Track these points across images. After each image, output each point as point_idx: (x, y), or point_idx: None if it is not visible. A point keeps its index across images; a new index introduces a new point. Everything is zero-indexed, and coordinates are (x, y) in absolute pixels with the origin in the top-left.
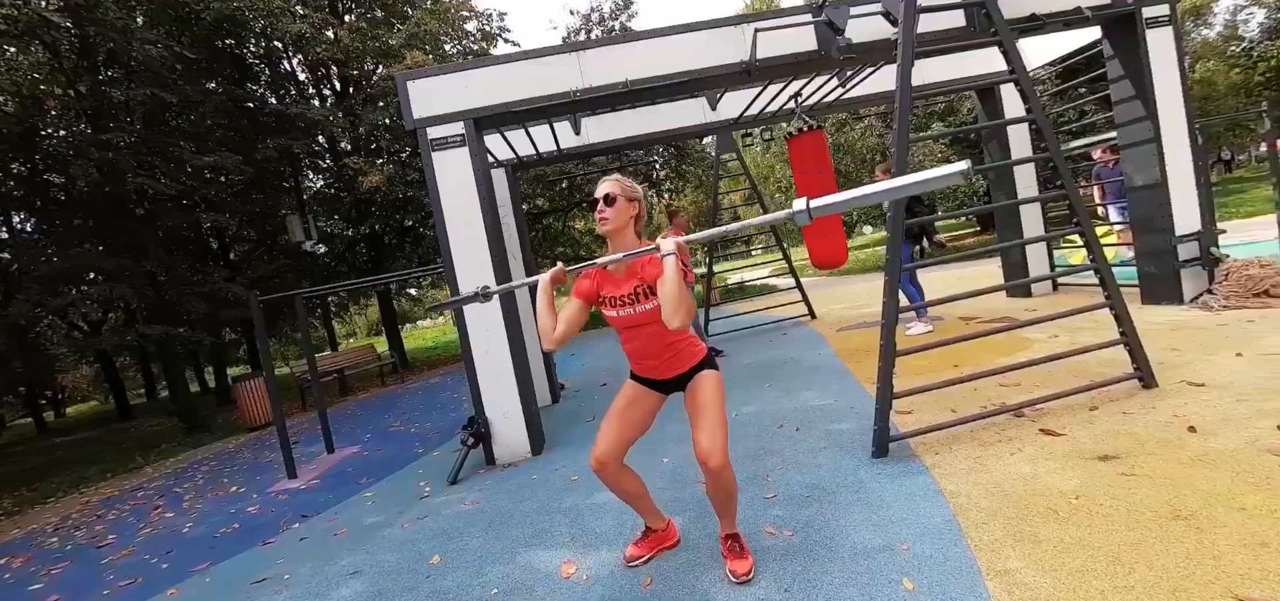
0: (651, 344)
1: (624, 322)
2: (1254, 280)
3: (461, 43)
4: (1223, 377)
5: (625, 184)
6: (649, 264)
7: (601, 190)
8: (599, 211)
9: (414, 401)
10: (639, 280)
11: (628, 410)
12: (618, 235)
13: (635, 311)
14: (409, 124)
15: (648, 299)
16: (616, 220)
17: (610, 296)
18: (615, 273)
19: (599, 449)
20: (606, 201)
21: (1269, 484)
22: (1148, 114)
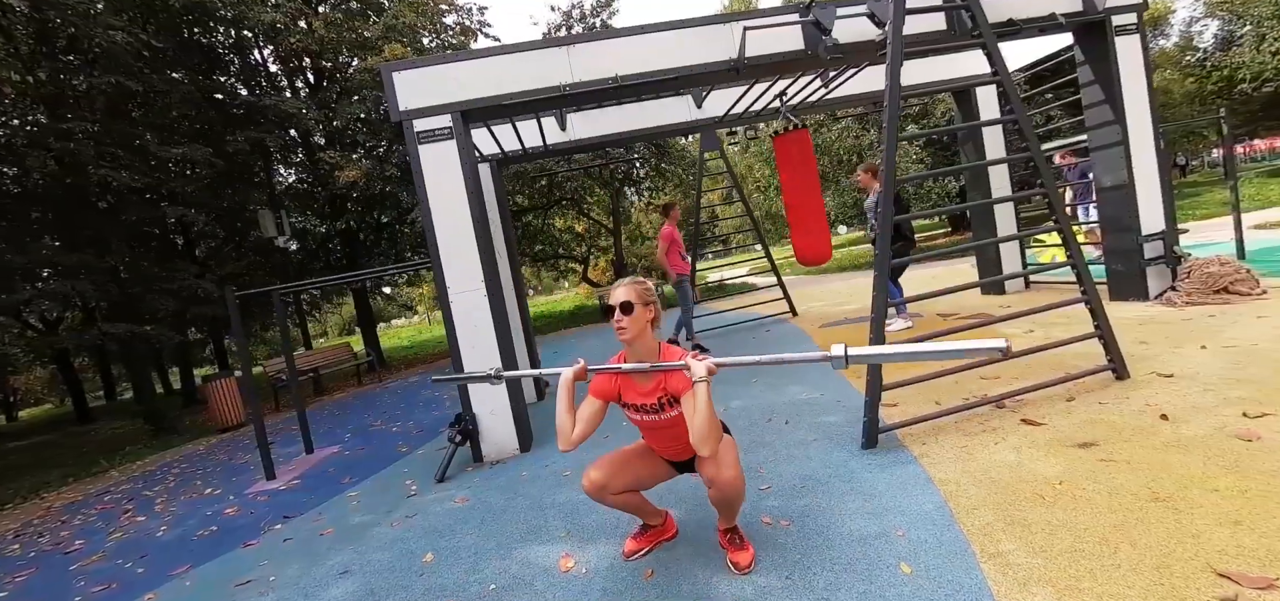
0: (673, 443)
1: (648, 426)
2: (1214, 277)
3: (440, 36)
4: (1189, 369)
5: (639, 288)
6: (674, 376)
7: (617, 298)
8: (616, 321)
9: (393, 400)
10: (663, 391)
11: (638, 462)
12: (637, 341)
13: (660, 418)
14: (394, 115)
15: (672, 408)
16: (634, 328)
17: (633, 403)
18: (638, 380)
19: (597, 478)
20: (623, 310)
21: (1238, 467)
22: (1116, 118)
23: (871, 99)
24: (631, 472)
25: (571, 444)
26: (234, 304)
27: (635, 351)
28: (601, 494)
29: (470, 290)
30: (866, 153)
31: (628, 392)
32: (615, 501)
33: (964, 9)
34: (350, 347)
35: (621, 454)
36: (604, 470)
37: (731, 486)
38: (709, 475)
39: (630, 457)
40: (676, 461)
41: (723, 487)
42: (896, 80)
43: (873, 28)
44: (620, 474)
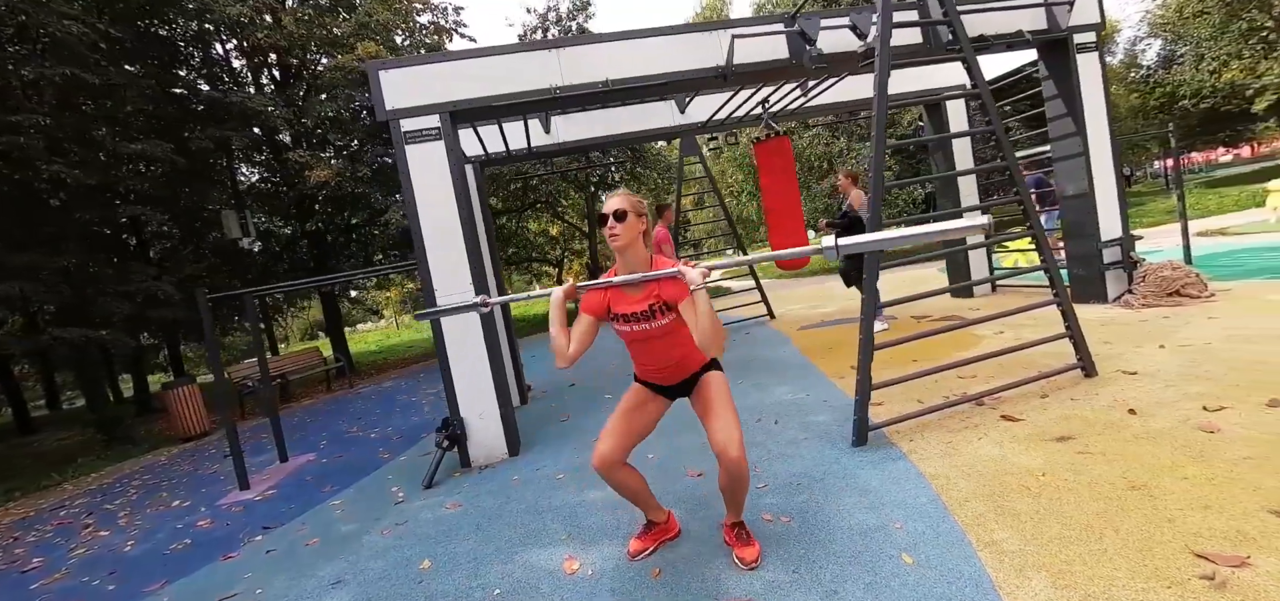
0: (664, 355)
1: (638, 336)
2: (1167, 281)
3: (413, 35)
4: (1151, 366)
5: (632, 199)
6: (666, 283)
7: (610, 206)
8: (609, 228)
9: (367, 406)
10: (655, 297)
11: (634, 414)
12: (628, 251)
13: (650, 326)
14: (381, 115)
15: (664, 314)
16: (627, 236)
17: (624, 313)
18: (628, 290)
19: (604, 448)
20: (616, 218)
21: (1203, 456)
22: (1077, 130)
23: (847, 108)
24: (634, 425)
25: (569, 359)
26: (206, 306)
27: (627, 260)
28: (611, 468)
29: (458, 294)
30: (836, 160)
31: (618, 304)
32: (623, 479)
33: (947, 24)
34: (319, 352)
35: (617, 416)
36: (610, 436)
37: (740, 460)
38: (721, 442)
39: (626, 413)
40: (668, 385)
41: (733, 462)
42: (884, 90)
43: (855, 39)
44: (624, 432)
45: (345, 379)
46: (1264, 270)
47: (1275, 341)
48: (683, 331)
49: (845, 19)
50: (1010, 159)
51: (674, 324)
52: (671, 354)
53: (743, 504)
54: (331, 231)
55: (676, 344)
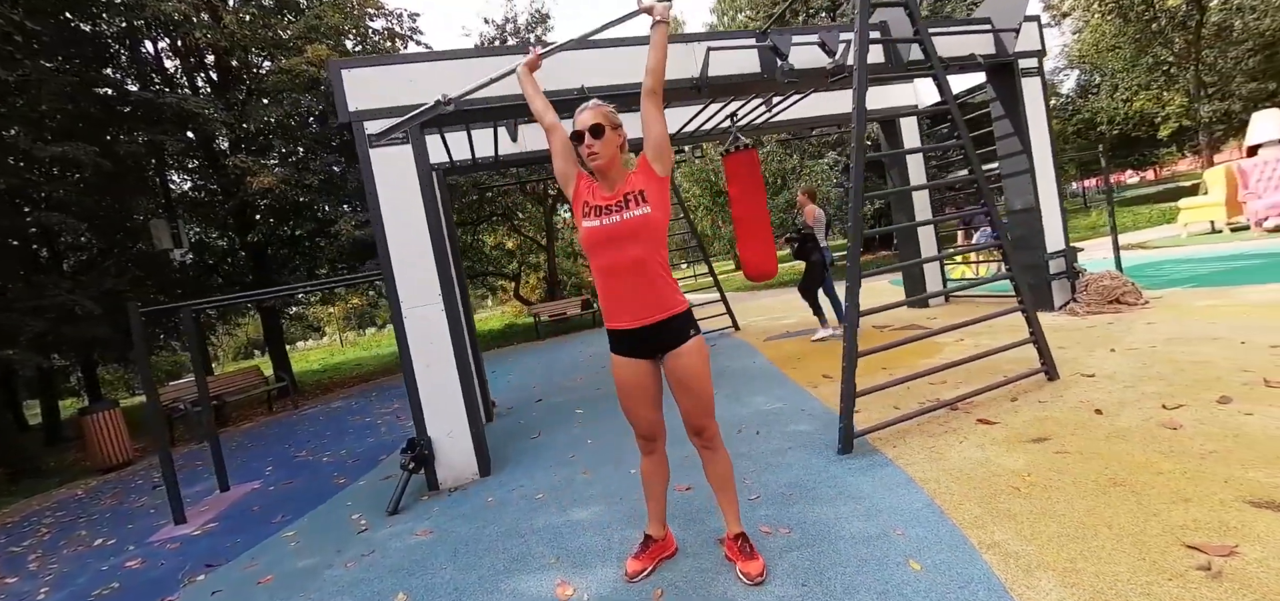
0: (637, 277)
1: (608, 233)
2: (1108, 290)
3: (365, 41)
4: (1106, 369)
5: (605, 109)
6: (639, 174)
7: (584, 121)
8: (587, 145)
9: (315, 428)
10: (629, 188)
11: (637, 387)
12: (607, 169)
13: (623, 218)
14: (342, 116)
15: (639, 203)
16: (606, 152)
17: (596, 204)
18: (601, 184)
19: (641, 426)
20: (593, 133)
21: (1172, 452)
22: (1023, 149)
23: (806, 125)
24: (643, 397)
25: (552, 122)
26: (138, 321)
27: (608, 179)
28: (656, 444)
29: (426, 305)
30: (790, 176)
31: (591, 193)
32: (660, 463)
33: (919, 43)
34: (259, 372)
35: (624, 400)
36: (638, 421)
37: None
38: (696, 423)
39: (630, 392)
40: (645, 328)
41: (709, 439)
42: (862, 105)
43: (824, 56)
44: (640, 407)
45: (288, 399)
46: (1185, 279)
47: (1211, 343)
48: (654, 253)
49: (814, 36)
50: (977, 172)
51: (646, 222)
52: (643, 276)
53: (737, 505)
54: (273, 243)
55: (650, 267)
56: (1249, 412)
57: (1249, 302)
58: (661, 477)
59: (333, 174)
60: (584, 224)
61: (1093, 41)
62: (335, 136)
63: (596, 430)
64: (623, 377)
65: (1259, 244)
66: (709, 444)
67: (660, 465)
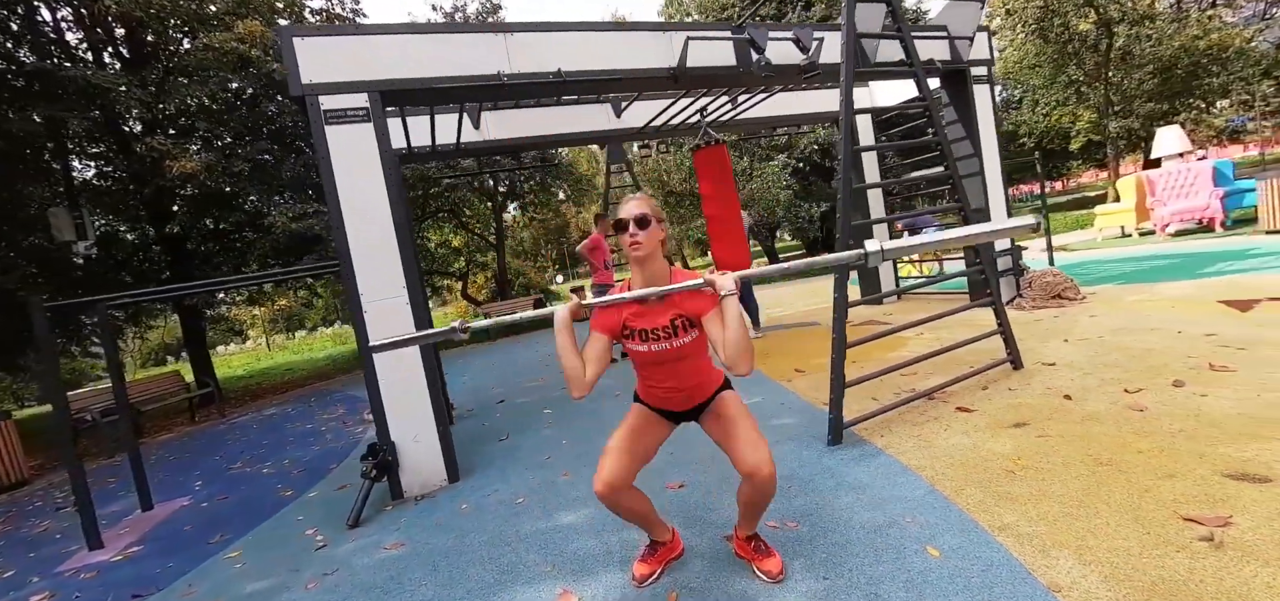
0: (682, 378)
1: (656, 357)
2: (1051, 286)
3: (301, 20)
4: (1064, 358)
5: (653, 203)
6: (691, 297)
7: (631, 211)
8: (631, 235)
9: (249, 438)
10: (677, 311)
11: (637, 439)
12: (649, 261)
13: (672, 345)
14: (295, 89)
15: (687, 331)
16: (650, 244)
17: (642, 329)
18: (647, 305)
19: (609, 473)
20: (639, 224)
21: (1145, 432)
22: (975, 151)
23: (772, 123)
24: (639, 448)
25: (586, 387)
26: (43, 318)
27: (646, 272)
28: (616, 494)
29: (388, 298)
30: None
31: (636, 319)
32: (628, 503)
33: (899, 38)
34: (179, 377)
35: (621, 437)
36: (615, 460)
37: (773, 477)
38: (751, 464)
39: (631, 434)
40: (677, 410)
41: (765, 481)
42: (850, 100)
43: (798, 52)
44: (629, 453)
45: (213, 407)
46: (1109, 277)
47: (1151, 333)
48: (703, 353)
49: (789, 33)
50: (951, 165)
51: (698, 342)
52: (690, 377)
53: (758, 518)
54: (194, 236)
55: (697, 367)
56: (1203, 394)
57: (1171, 297)
58: (638, 504)
59: (264, 162)
60: (629, 344)
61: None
62: (267, 122)
63: (569, 431)
64: (636, 420)
65: (1165, 247)
66: (764, 484)
67: (631, 503)
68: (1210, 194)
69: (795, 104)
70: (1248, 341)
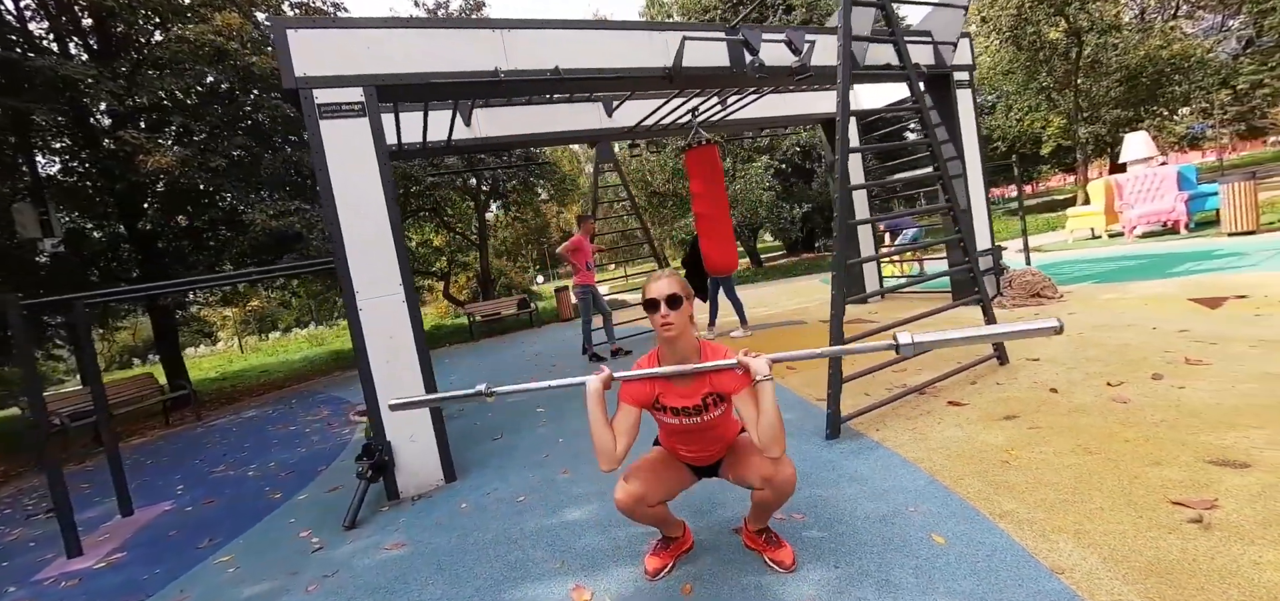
0: (709, 447)
1: (686, 431)
2: (1030, 284)
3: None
4: (1047, 354)
5: (682, 281)
6: (722, 375)
7: (661, 291)
8: (662, 317)
9: (229, 440)
10: (709, 388)
11: (666, 469)
12: (680, 340)
13: (701, 421)
14: (288, 81)
15: (717, 407)
16: (681, 323)
17: (673, 406)
18: (677, 382)
19: (638, 487)
20: (670, 304)
21: (1130, 422)
22: (958, 154)
23: (759, 124)
24: (665, 483)
25: (616, 461)
26: (20, 320)
27: (676, 349)
28: (638, 507)
29: (385, 296)
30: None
31: (667, 395)
32: (648, 514)
33: (892, 42)
34: (153, 379)
35: (650, 463)
36: (642, 481)
37: (791, 484)
38: (766, 474)
39: (659, 467)
40: (701, 467)
41: (782, 486)
42: (846, 102)
43: (790, 54)
44: (657, 485)
45: (188, 410)
46: (1083, 277)
47: (1128, 329)
48: (731, 420)
49: (781, 35)
50: (942, 166)
51: (726, 415)
52: (716, 444)
53: (773, 514)
54: (165, 234)
55: (724, 434)
56: (1181, 387)
57: (1143, 296)
58: (659, 515)
59: (242, 158)
60: (660, 417)
61: (991, 65)
62: (244, 117)
63: (564, 429)
64: (664, 458)
65: (1134, 248)
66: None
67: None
68: (1175, 197)
69: (782, 106)
70: (1218, 337)
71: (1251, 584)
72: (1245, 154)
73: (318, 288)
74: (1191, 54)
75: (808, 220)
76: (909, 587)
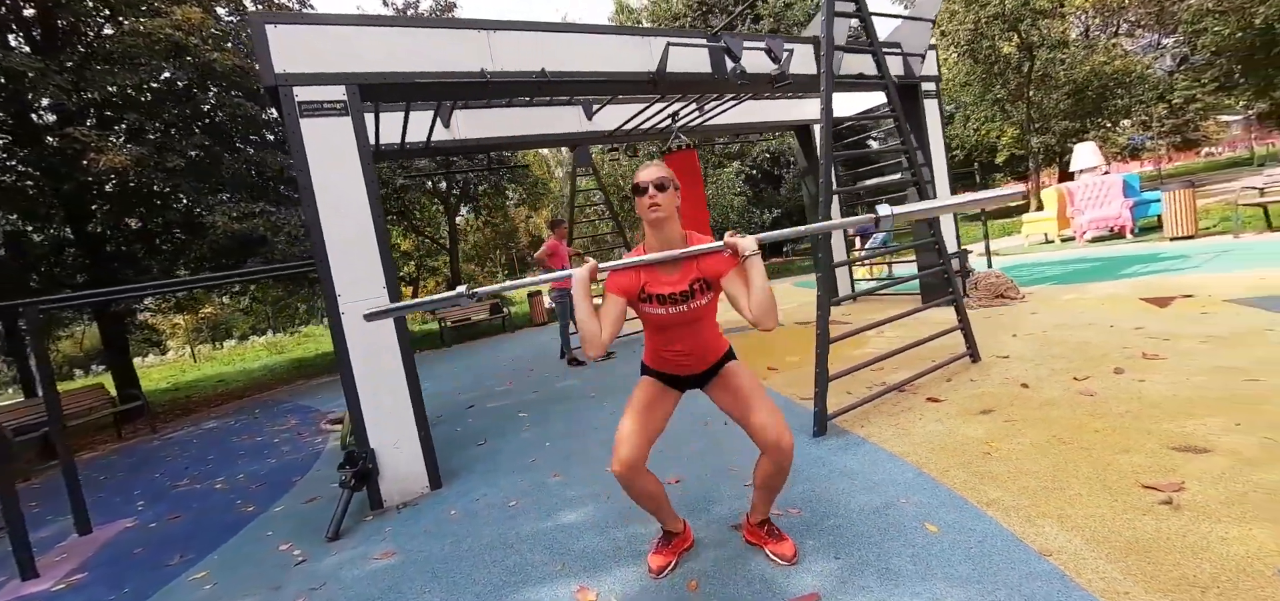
0: (693, 340)
1: (672, 320)
2: (994, 286)
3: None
4: (1015, 351)
5: (669, 169)
6: (709, 259)
7: (650, 176)
8: (650, 199)
9: (191, 453)
10: (696, 274)
11: (649, 411)
12: (668, 224)
13: (689, 307)
14: (268, 79)
15: (704, 294)
16: (669, 207)
17: (659, 293)
18: (663, 270)
19: (624, 452)
20: (658, 188)
21: (1098, 414)
22: (926, 161)
23: (735, 130)
24: (651, 423)
25: (601, 347)
26: None
27: (663, 234)
28: (635, 473)
29: (367, 299)
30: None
31: (654, 283)
32: (643, 484)
33: (871, 52)
34: (104, 389)
35: (634, 415)
36: (629, 439)
37: (792, 447)
38: (774, 436)
39: (643, 410)
40: (685, 375)
41: (787, 452)
42: (829, 109)
43: (770, 62)
44: (643, 430)
45: (142, 422)
46: (1041, 278)
47: (1087, 327)
48: (714, 316)
49: (762, 43)
50: (918, 171)
51: (712, 305)
52: (700, 339)
53: (773, 502)
54: (114, 237)
55: (707, 329)
56: (1141, 380)
57: (1098, 296)
58: (652, 490)
59: (200, 159)
60: (646, 308)
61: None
62: (203, 116)
63: (550, 432)
64: (646, 390)
65: (1085, 251)
66: (789, 448)
67: (645, 487)
68: (1121, 204)
69: (757, 112)
70: (1170, 334)
71: (1222, 559)
72: (1180, 163)
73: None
74: (1132, 70)
75: (778, 224)
76: (909, 574)
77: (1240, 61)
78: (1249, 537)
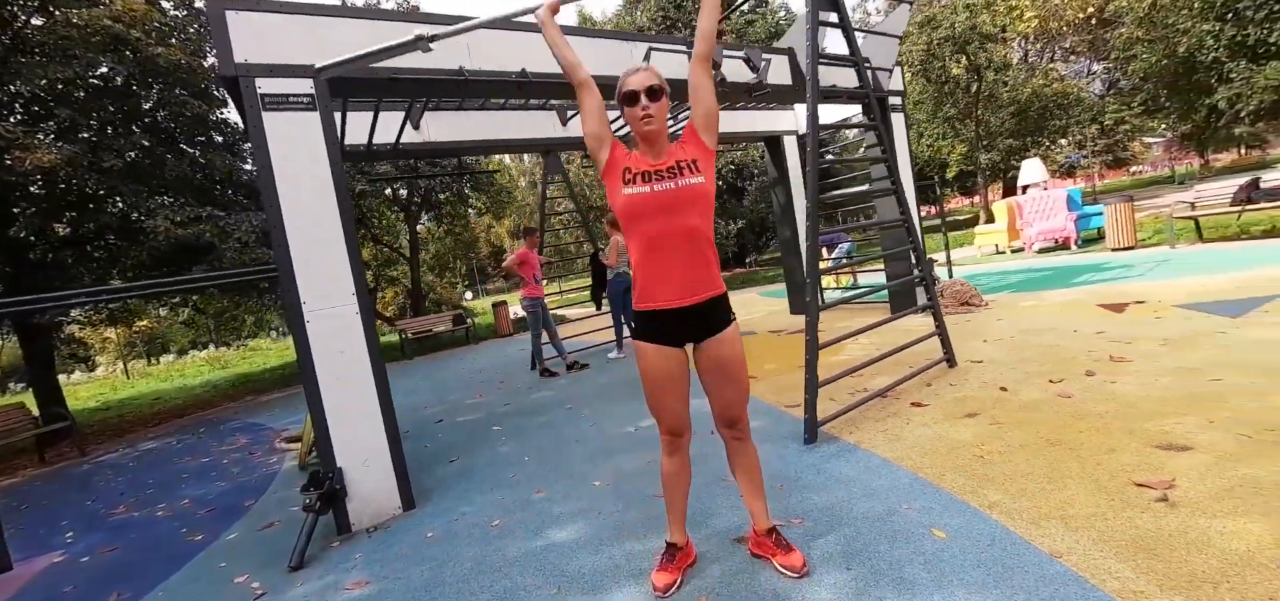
0: (691, 252)
1: (659, 200)
2: (960, 294)
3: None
4: (988, 356)
5: (659, 73)
6: (688, 143)
7: (640, 82)
8: (643, 108)
9: (126, 478)
10: (678, 156)
11: (669, 379)
12: (655, 137)
13: (677, 185)
14: (226, 69)
15: (692, 172)
16: (660, 118)
17: (642, 171)
18: (645, 154)
19: (670, 420)
20: (650, 95)
21: (1079, 415)
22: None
23: None
24: (672, 387)
25: (584, 78)
26: None
27: (655, 148)
28: (682, 439)
29: (336, 308)
30: None
31: (638, 163)
32: (682, 469)
33: (854, 66)
34: (24, 409)
35: (654, 387)
36: (664, 412)
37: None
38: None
39: (659, 380)
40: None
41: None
42: (815, 119)
43: (748, 71)
44: (668, 397)
45: (68, 444)
46: (999, 287)
47: (1051, 332)
48: (708, 226)
49: (741, 52)
50: (896, 180)
51: (702, 191)
52: (697, 250)
53: (765, 496)
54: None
55: (702, 240)
56: (1113, 381)
57: (1056, 303)
58: (686, 479)
59: (140, 160)
60: (626, 190)
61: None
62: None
63: (529, 446)
64: (654, 368)
65: (1035, 261)
66: (742, 434)
67: (684, 465)
68: (1066, 217)
69: (728, 123)
70: (1131, 337)
71: (1224, 552)
72: (1110, 180)
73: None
74: (1069, 93)
75: (741, 236)
76: (924, 582)
77: (1166, 86)
78: (1246, 532)
